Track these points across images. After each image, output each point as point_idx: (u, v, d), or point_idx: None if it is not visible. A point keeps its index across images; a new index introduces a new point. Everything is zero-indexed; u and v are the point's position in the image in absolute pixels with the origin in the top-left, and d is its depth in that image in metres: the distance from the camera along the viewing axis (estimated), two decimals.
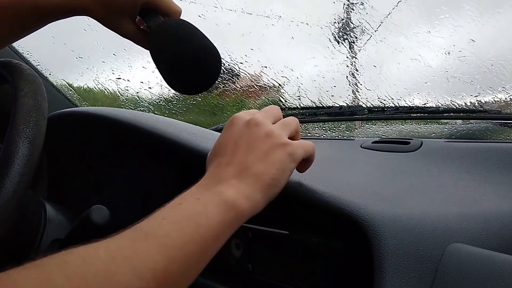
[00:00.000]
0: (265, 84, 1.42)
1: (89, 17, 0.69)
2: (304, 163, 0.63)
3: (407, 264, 0.54)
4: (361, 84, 1.22)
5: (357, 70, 1.33)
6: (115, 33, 0.71)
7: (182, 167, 0.87)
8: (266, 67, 1.33)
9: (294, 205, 0.68)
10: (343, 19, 1.36)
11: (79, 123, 1.04)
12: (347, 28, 1.35)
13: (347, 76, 1.33)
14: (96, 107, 1.13)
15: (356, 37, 1.31)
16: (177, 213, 0.50)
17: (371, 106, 1.18)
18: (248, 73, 1.37)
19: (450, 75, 1.07)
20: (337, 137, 1.26)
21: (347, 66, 1.34)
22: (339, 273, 0.62)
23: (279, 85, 1.38)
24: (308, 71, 1.34)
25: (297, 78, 1.36)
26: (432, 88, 1.08)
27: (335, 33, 1.35)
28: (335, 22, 1.36)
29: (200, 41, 0.66)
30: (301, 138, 0.63)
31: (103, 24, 0.69)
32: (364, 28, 1.27)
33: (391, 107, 1.15)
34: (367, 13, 1.30)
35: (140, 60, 1.41)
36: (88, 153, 1.11)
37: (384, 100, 1.16)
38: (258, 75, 1.39)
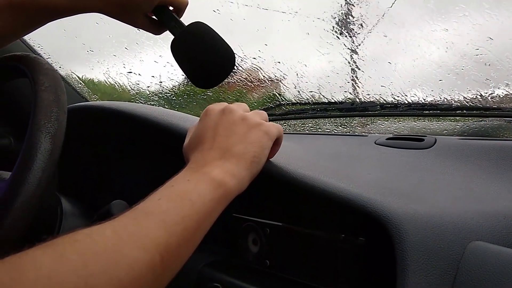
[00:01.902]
0: (276, 79, 1.42)
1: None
2: (274, 146, 0.67)
3: (429, 261, 0.55)
4: (372, 80, 1.21)
5: (358, 68, 1.33)
6: (128, 27, 0.76)
7: None
8: (279, 62, 1.33)
9: (314, 202, 0.68)
10: (350, 12, 1.36)
11: (93, 117, 1.05)
12: (356, 23, 1.35)
13: (352, 70, 1.34)
14: (110, 101, 1.14)
15: (370, 31, 1.30)
16: (171, 193, 0.54)
17: (384, 102, 1.18)
18: (261, 68, 1.37)
19: (464, 73, 1.06)
20: (349, 133, 1.27)
21: (352, 62, 1.34)
22: (360, 270, 0.63)
23: (291, 81, 1.38)
24: (321, 66, 1.34)
25: (300, 74, 1.36)
26: (446, 85, 1.08)
27: (344, 27, 1.35)
28: (346, 14, 1.35)
29: (222, 46, 0.73)
30: (312, 134, 0.64)
31: (116, 19, 0.73)
32: (379, 23, 1.27)
33: (404, 103, 1.15)
34: (367, 8, 1.30)
35: (152, 54, 1.41)
36: (102, 147, 1.12)
37: (398, 96, 1.16)
38: (256, 70, 1.40)
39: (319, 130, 1.32)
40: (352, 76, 1.33)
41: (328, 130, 1.30)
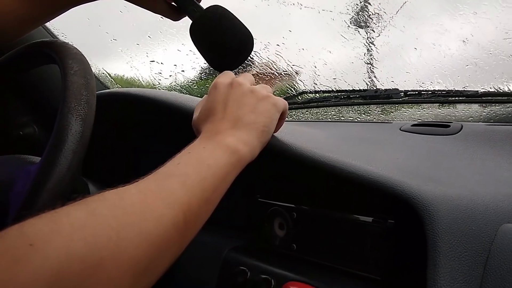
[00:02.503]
0: (298, 67, 1.41)
1: None
2: (279, 121, 0.70)
3: (461, 244, 0.54)
4: (399, 67, 1.20)
5: (374, 57, 1.32)
6: (151, 15, 0.77)
7: None
8: (303, 48, 1.33)
9: (342, 185, 0.68)
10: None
11: (118, 103, 1.05)
12: (378, 11, 1.33)
13: (368, 61, 1.32)
14: (136, 88, 1.14)
15: (391, 16, 1.29)
16: (189, 159, 0.58)
17: (408, 89, 1.17)
18: (284, 58, 1.37)
19: (493, 58, 1.05)
20: (373, 120, 1.26)
21: (369, 50, 1.33)
22: (389, 253, 0.63)
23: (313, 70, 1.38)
24: (346, 53, 1.33)
25: (323, 61, 1.36)
26: (473, 71, 1.07)
27: (366, 14, 1.34)
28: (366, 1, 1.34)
29: (240, 29, 0.74)
30: (335, 122, 0.65)
31: (136, 4, 0.74)
32: (407, 8, 1.25)
33: (428, 90, 1.13)
34: None
35: (175, 42, 1.41)
36: (127, 133, 1.12)
37: (423, 83, 1.14)
38: (277, 57, 1.39)
39: (342, 118, 1.31)
40: (370, 62, 1.33)
41: (351, 118, 1.30)
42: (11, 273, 0.35)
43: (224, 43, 0.74)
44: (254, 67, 1.47)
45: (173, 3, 0.76)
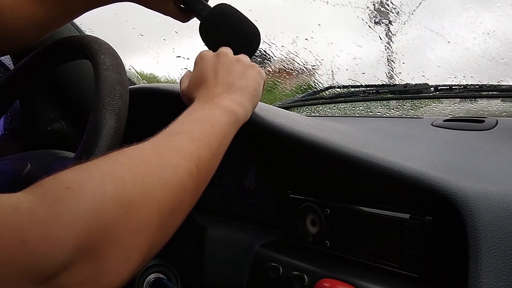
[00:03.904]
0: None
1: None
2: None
3: (503, 241, 0.53)
4: (431, 61, 1.18)
5: (403, 51, 1.30)
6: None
7: (249, 141, 0.88)
8: (332, 43, 1.31)
9: (378, 181, 0.67)
10: None
11: (146, 99, 1.05)
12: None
13: (397, 56, 1.31)
14: (164, 83, 1.14)
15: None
16: (192, 119, 0.62)
17: (438, 84, 1.14)
18: (311, 52, 1.36)
19: None
20: (402, 116, 1.24)
21: (398, 44, 1.31)
22: (427, 250, 0.61)
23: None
24: (376, 47, 1.31)
25: (352, 55, 1.34)
26: (508, 65, 1.04)
27: (396, 8, 1.32)
28: None
29: (247, 22, 0.78)
30: (364, 117, 0.64)
31: (146, 7, 0.79)
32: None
33: (460, 85, 1.11)
34: None
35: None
36: (155, 129, 1.12)
37: (455, 77, 1.12)
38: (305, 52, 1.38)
39: (370, 113, 1.30)
40: (394, 58, 1.31)
41: (379, 113, 1.28)
42: (54, 213, 0.38)
43: (234, 36, 0.77)
44: (279, 62, 1.46)
45: (181, 5, 0.80)
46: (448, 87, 1.13)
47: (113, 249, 0.42)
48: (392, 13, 1.32)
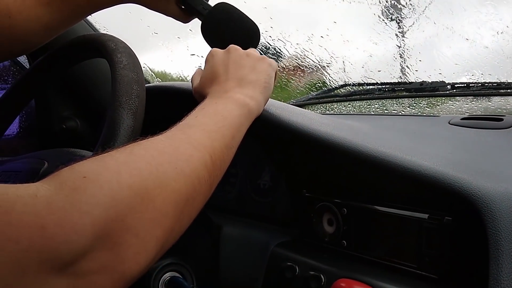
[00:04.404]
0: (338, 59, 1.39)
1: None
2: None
3: None
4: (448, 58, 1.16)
5: (419, 48, 1.29)
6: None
7: (265, 139, 0.88)
8: (348, 40, 1.31)
9: (396, 180, 0.66)
10: None
11: (161, 97, 1.05)
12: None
13: (412, 53, 1.29)
14: (179, 82, 1.14)
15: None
16: (205, 112, 0.64)
17: (455, 81, 1.13)
18: (327, 50, 1.35)
19: None
20: (418, 114, 1.23)
21: (422, 41, 1.30)
22: (446, 250, 0.61)
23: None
24: (392, 44, 1.30)
25: (368, 53, 1.33)
26: None
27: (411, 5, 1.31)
28: None
29: (247, 19, 0.81)
30: (379, 115, 0.64)
31: (149, 8, 0.81)
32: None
33: (478, 82, 1.10)
34: None
35: None
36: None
37: (472, 75, 1.11)
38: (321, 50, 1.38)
39: (386, 111, 1.29)
40: (404, 55, 1.30)
41: (395, 111, 1.27)
42: (72, 200, 0.39)
43: (235, 33, 0.80)
44: (293, 59, 1.45)
45: (182, 6, 0.82)
46: (465, 84, 1.12)
47: (130, 237, 0.43)
48: (409, 9, 1.30)
